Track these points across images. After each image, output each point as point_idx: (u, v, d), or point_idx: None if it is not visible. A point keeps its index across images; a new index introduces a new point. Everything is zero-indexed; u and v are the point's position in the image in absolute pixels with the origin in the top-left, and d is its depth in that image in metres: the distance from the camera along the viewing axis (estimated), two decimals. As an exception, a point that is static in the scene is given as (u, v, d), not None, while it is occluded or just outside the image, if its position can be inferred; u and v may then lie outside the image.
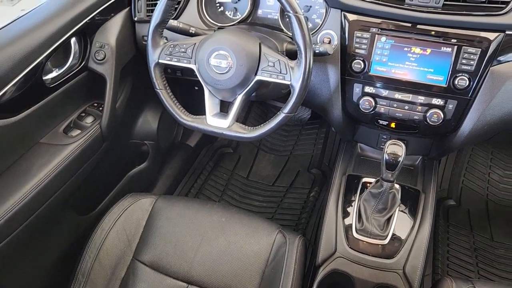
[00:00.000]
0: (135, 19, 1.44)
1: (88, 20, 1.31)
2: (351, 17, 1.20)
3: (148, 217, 1.30)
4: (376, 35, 1.18)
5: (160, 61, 1.17)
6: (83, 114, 1.41)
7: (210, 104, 1.19)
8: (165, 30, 1.17)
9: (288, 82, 1.07)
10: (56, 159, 1.25)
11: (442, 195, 2.00)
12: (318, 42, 1.25)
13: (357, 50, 1.21)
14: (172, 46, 1.16)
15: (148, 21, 1.39)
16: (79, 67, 1.36)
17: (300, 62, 1.05)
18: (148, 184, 1.91)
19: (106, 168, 1.58)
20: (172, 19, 1.28)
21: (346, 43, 1.21)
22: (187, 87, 1.70)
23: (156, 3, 1.36)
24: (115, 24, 1.40)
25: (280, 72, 1.08)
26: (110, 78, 1.38)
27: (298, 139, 2.30)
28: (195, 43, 1.15)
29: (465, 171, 2.07)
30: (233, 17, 1.42)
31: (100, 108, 1.42)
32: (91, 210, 1.58)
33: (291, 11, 1.02)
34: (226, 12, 1.42)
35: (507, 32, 1.10)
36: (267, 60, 1.09)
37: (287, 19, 1.32)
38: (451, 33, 1.12)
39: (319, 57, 1.21)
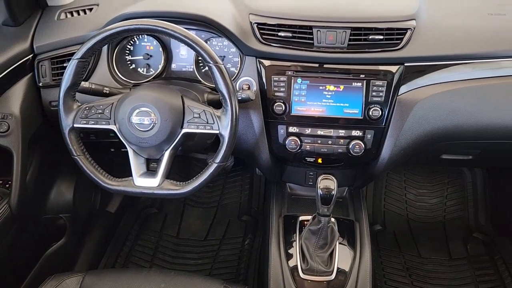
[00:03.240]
0: (40, 84, 1.34)
1: None
2: (266, 62, 1.24)
3: None
4: (292, 78, 1.23)
5: (75, 125, 1.09)
6: (-14, 195, 1.25)
7: (136, 164, 1.13)
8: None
9: (217, 131, 1.06)
10: None
11: (368, 221, 2.09)
12: (238, 89, 1.27)
13: (276, 93, 1.24)
14: (87, 108, 1.09)
15: (55, 86, 1.33)
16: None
17: (226, 110, 1.05)
18: (69, 262, 1.72)
19: (20, 250, 1.39)
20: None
21: (265, 87, 1.25)
22: (103, 151, 1.60)
23: (62, 66, 1.31)
24: (18, 92, 1.29)
25: (207, 123, 1.07)
26: (16, 151, 1.25)
27: (223, 188, 2.27)
28: (112, 103, 1.10)
29: (385, 195, 2.20)
30: (147, 74, 1.39)
31: (7, 185, 1.26)
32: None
33: (211, 62, 1.03)
34: (139, 69, 1.39)
35: (405, 64, 1.22)
36: (192, 112, 1.07)
37: (203, 70, 1.35)
38: (359, 69, 1.22)
39: (242, 103, 1.22)
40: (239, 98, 1.15)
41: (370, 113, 1.23)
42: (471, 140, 1.31)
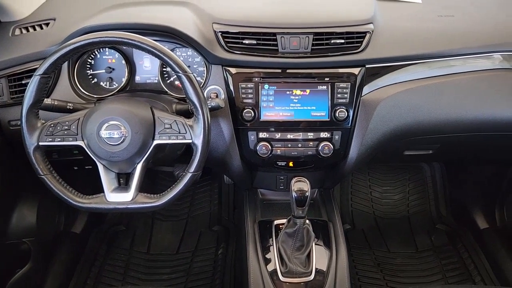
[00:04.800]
0: (-4, 104, 1.28)
1: None
2: (233, 70, 1.26)
3: None
4: (260, 84, 1.25)
5: (40, 143, 1.05)
6: None
7: (107, 179, 1.10)
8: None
9: (189, 141, 1.06)
10: None
11: (339, 221, 2.14)
12: (206, 98, 1.27)
13: (245, 100, 1.26)
14: (52, 125, 1.06)
15: (14, 104, 1.28)
16: None
17: (198, 119, 1.05)
18: (35, 288, 1.64)
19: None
20: (43, 97, 1.17)
21: (233, 95, 1.26)
22: (67, 169, 1.55)
23: (21, 83, 1.27)
24: None
25: (179, 132, 1.06)
26: None
27: (192, 200, 2.25)
28: (79, 118, 1.07)
29: (351, 195, 2.26)
30: (110, 87, 1.36)
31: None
32: None
33: (180, 72, 1.03)
34: (101, 83, 1.36)
35: (367, 66, 1.27)
36: (163, 123, 1.07)
37: (168, 81, 1.35)
38: (323, 73, 1.25)
39: (211, 112, 1.22)
40: (209, 106, 1.16)
41: (337, 115, 1.26)
42: (431, 135, 1.38)
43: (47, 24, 1.36)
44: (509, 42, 1.34)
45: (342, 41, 1.25)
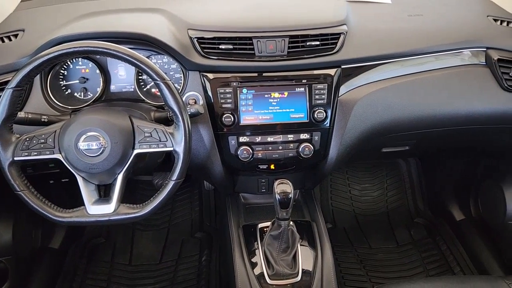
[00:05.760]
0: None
1: None
2: (211, 75, 1.25)
3: None
4: (238, 88, 1.25)
5: (15, 159, 1.02)
6: None
7: (87, 191, 1.08)
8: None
9: (171, 148, 1.05)
10: None
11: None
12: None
13: (224, 105, 1.25)
14: (27, 139, 1.03)
15: None
16: None
17: (178, 126, 1.04)
18: (14, 309, 1.59)
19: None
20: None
21: (212, 100, 1.25)
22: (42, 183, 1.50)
23: None
24: None
25: (160, 140, 1.05)
26: None
27: (173, 207, 2.22)
28: (55, 131, 1.04)
29: (331, 194, 2.28)
30: (85, 98, 1.33)
31: None
32: None
33: (158, 79, 1.01)
34: (76, 94, 1.33)
35: (342, 67, 1.29)
36: (143, 132, 1.05)
37: (145, 89, 1.33)
38: (300, 75, 1.27)
39: (191, 118, 1.21)
40: (189, 113, 1.15)
41: (315, 116, 1.28)
42: (407, 132, 1.41)
43: (15, 36, 1.32)
44: (477, 39, 1.39)
45: (318, 43, 1.27)
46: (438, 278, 1.73)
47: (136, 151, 1.05)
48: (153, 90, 1.34)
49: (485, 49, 1.40)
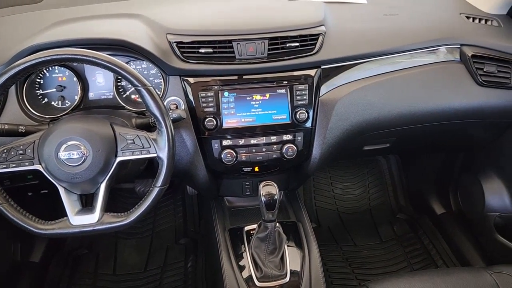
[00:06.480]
0: None
1: None
2: (191, 80, 1.24)
3: None
4: (219, 92, 1.25)
5: (-7, 171, 0.99)
6: None
7: (69, 202, 1.06)
8: None
9: (154, 155, 1.04)
10: None
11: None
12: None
13: (206, 109, 1.25)
14: (5, 151, 1.00)
15: None
16: None
17: (161, 131, 1.03)
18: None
19: None
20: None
21: (194, 105, 1.25)
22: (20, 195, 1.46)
23: None
24: None
25: (143, 147, 1.04)
26: None
27: (156, 215, 2.20)
28: (34, 141, 1.02)
29: (314, 194, 2.30)
30: (63, 106, 1.30)
31: None
32: None
33: (139, 85, 1.00)
34: (53, 103, 1.30)
35: (322, 67, 1.30)
36: (125, 139, 1.04)
37: (124, 95, 1.31)
38: (281, 77, 1.27)
39: (173, 123, 1.20)
40: (171, 118, 1.14)
41: (297, 117, 1.28)
42: (387, 129, 1.44)
43: (-13, 45, 1.29)
44: (451, 36, 1.43)
45: (297, 44, 1.27)
46: (424, 271, 1.76)
47: (119, 159, 1.04)
48: (132, 96, 1.32)
49: (459, 46, 1.43)
